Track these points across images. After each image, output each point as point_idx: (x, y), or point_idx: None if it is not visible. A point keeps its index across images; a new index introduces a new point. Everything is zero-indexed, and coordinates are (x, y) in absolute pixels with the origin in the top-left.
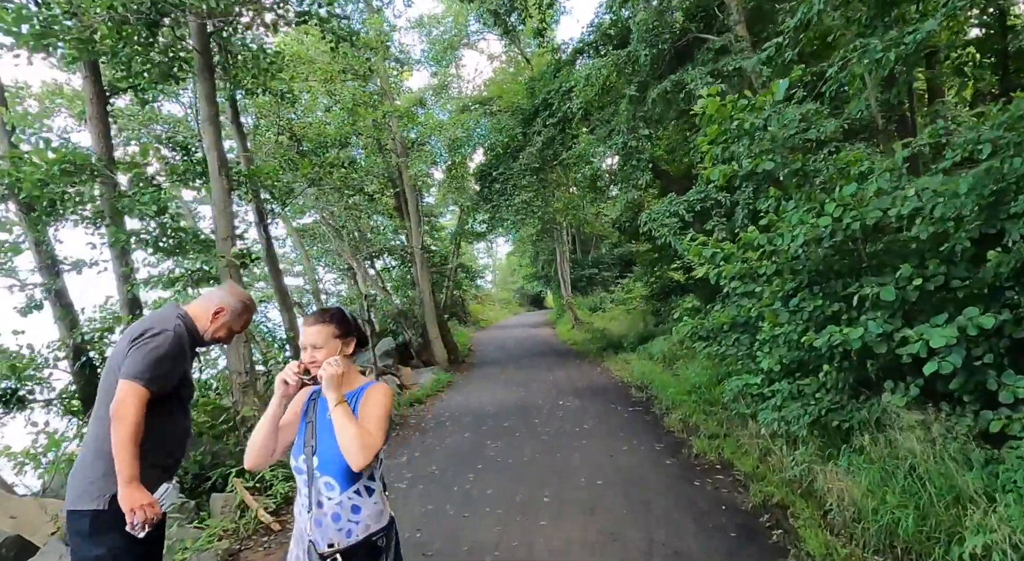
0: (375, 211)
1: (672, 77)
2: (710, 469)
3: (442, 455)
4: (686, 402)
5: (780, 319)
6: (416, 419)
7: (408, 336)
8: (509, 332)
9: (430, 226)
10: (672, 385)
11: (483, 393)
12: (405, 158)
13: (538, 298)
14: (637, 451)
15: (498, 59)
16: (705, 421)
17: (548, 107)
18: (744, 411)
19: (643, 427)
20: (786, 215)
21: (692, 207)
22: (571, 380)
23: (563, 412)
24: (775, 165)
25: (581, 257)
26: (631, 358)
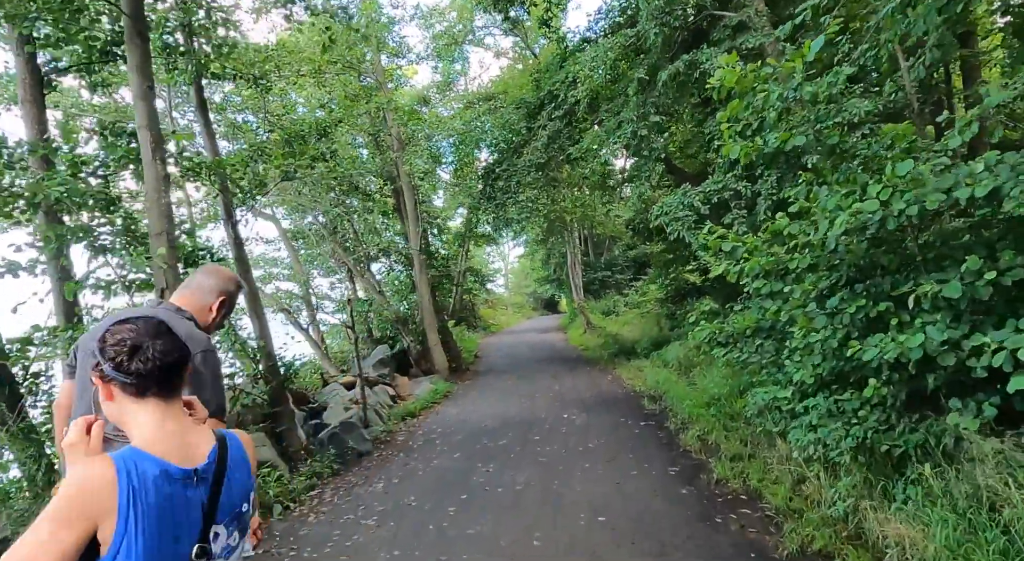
0: (370, 210)
1: (685, 57)
2: (734, 500)
3: (425, 481)
4: (704, 416)
5: (816, 324)
6: (405, 435)
7: (407, 343)
8: (519, 337)
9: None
10: (688, 396)
11: (482, 405)
12: (401, 153)
13: (552, 302)
14: (648, 477)
15: (505, 56)
16: (726, 439)
17: (553, 99)
18: (771, 428)
19: (656, 446)
20: (820, 201)
21: (708, 198)
22: (578, 390)
23: (567, 428)
24: (807, 140)
25: (593, 259)
26: (644, 365)
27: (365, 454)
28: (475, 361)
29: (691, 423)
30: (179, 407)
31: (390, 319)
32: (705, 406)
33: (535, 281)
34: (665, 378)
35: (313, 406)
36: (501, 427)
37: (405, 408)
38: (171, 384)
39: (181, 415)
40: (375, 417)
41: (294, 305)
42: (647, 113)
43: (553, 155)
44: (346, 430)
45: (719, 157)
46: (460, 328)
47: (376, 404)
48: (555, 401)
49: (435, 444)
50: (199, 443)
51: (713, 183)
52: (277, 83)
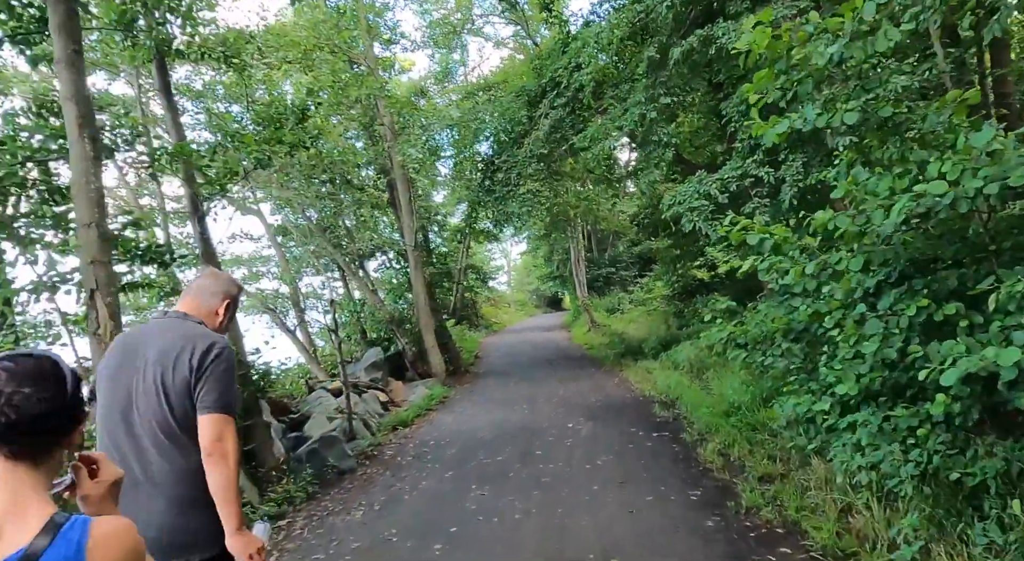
0: (360, 204)
1: (699, 32)
2: (769, 535)
3: (410, 509)
4: (723, 427)
5: (868, 329)
6: (394, 449)
7: (401, 345)
8: (521, 336)
9: (438, 226)
10: (704, 403)
11: (480, 413)
12: (394, 143)
13: (555, 299)
14: (666, 503)
15: (505, 46)
16: (751, 454)
17: (556, 86)
18: (804, 444)
19: (672, 463)
20: (866, 184)
21: (726, 186)
22: (584, 395)
23: (572, 440)
24: (861, 115)
25: (597, 256)
26: (653, 366)
27: (347, 472)
28: (475, 362)
29: (709, 434)
30: (34, 477)
31: (384, 320)
32: (724, 415)
33: (538, 278)
34: (677, 382)
35: (294, 416)
36: (499, 438)
37: (397, 417)
38: (24, 444)
39: (25, 487)
40: (362, 428)
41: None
42: (657, 95)
43: (555, 145)
44: (326, 445)
45: (737, 141)
46: (461, 327)
47: (365, 413)
48: (559, 407)
49: (425, 460)
50: (14, 534)
51: (731, 169)
52: (260, 69)
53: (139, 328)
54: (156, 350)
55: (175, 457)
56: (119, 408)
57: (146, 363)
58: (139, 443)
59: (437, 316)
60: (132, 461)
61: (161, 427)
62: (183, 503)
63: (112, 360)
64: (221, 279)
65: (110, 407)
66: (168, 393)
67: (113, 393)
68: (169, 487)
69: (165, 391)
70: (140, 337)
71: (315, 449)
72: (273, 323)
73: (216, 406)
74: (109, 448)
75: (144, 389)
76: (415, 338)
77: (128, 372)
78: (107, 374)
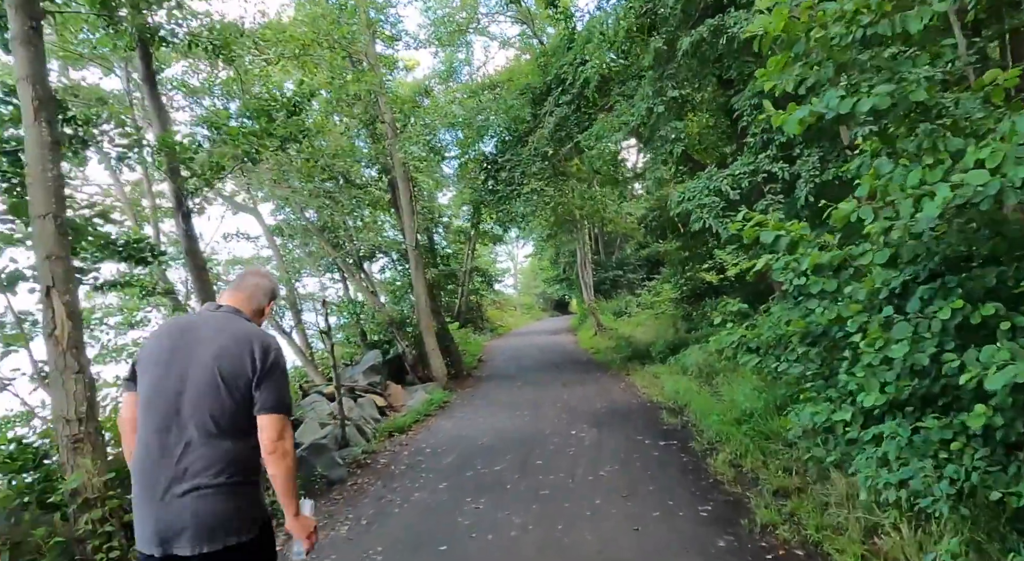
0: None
1: (709, 21)
2: (787, 557)
3: (400, 524)
4: (734, 435)
5: (895, 333)
6: (388, 457)
7: (402, 348)
8: (527, 339)
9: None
10: (714, 410)
11: (480, 418)
12: (394, 140)
13: (562, 302)
14: (674, 519)
15: (512, 47)
16: (765, 466)
17: (561, 83)
18: (823, 456)
19: (680, 474)
20: (888, 175)
21: (738, 183)
22: (589, 400)
23: (575, 448)
24: (892, 100)
25: (604, 258)
26: (660, 371)
27: (337, 482)
28: (478, 366)
29: (720, 443)
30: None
31: (384, 322)
32: (735, 423)
33: (544, 281)
34: (685, 387)
35: None
36: (499, 446)
37: (393, 422)
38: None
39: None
40: (356, 435)
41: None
42: (664, 88)
43: (560, 143)
44: (316, 453)
45: (749, 136)
46: (465, 331)
47: (360, 418)
48: (562, 413)
49: (420, 469)
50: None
51: (743, 165)
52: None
53: (193, 317)
54: (217, 345)
55: (222, 446)
56: (172, 391)
57: (206, 354)
58: (185, 428)
59: (439, 318)
60: (175, 445)
61: (216, 418)
62: (222, 489)
63: (164, 342)
64: (270, 279)
65: (160, 389)
66: (230, 388)
67: (166, 376)
68: (208, 474)
69: (227, 385)
70: (196, 326)
71: (303, 457)
72: (268, 324)
73: (277, 407)
74: (152, 427)
75: (202, 379)
76: (416, 341)
77: (183, 358)
78: (159, 357)
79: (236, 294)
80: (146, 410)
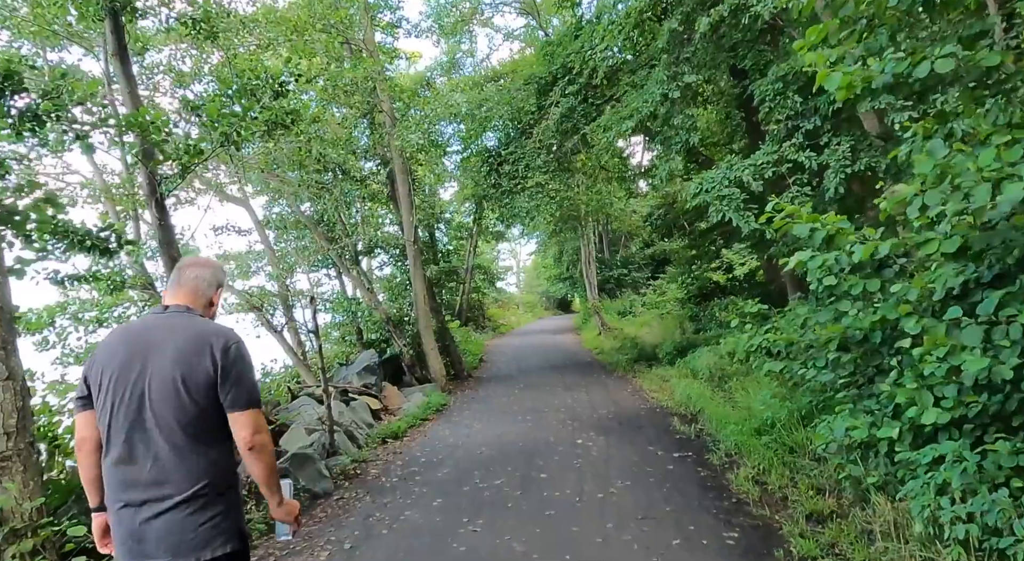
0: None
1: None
2: None
3: (386, 547)
4: (755, 448)
5: (966, 339)
6: (379, 467)
7: (399, 347)
8: (529, 339)
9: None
10: (731, 418)
11: (480, 424)
12: (392, 129)
13: (565, 301)
14: (696, 549)
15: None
16: (793, 484)
17: (567, 72)
18: (860, 475)
19: (700, 493)
20: (953, 160)
21: (760, 173)
22: (594, 405)
23: (581, 460)
24: (958, 65)
25: (609, 257)
26: (669, 374)
27: (322, 496)
28: (479, 366)
29: (740, 456)
30: None
31: (380, 320)
32: (755, 433)
33: (547, 280)
34: (698, 393)
35: (271, 428)
36: (499, 457)
37: (387, 428)
38: None
39: None
40: (346, 441)
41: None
42: (679, 73)
43: (566, 135)
44: (299, 464)
45: (773, 123)
46: (466, 329)
47: (352, 423)
48: (567, 419)
49: (413, 482)
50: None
51: (766, 154)
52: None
53: (142, 323)
54: (173, 349)
55: (193, 456)
56: (132, 406)
57: (164, 360)
58: (152, 441)
59: (438, 317)
60: (143, 459)
61: (183, 426)
62: (199, 500)
63: (117, 357)
64: (214, 267)
65: (118, 404)
66: (192, 393)
67: (125, 389)
68: (182, 486)
69: (188, 391)
70: (148, 332)
71: (284, 468)
72: (259, 322)
73: (247, 403)
74: (116, 445)
75: (164, 387)
76: (413, 340)
77: (141, 368)
78: (114, 369)
79: (179, 291)
80: (107, 428)
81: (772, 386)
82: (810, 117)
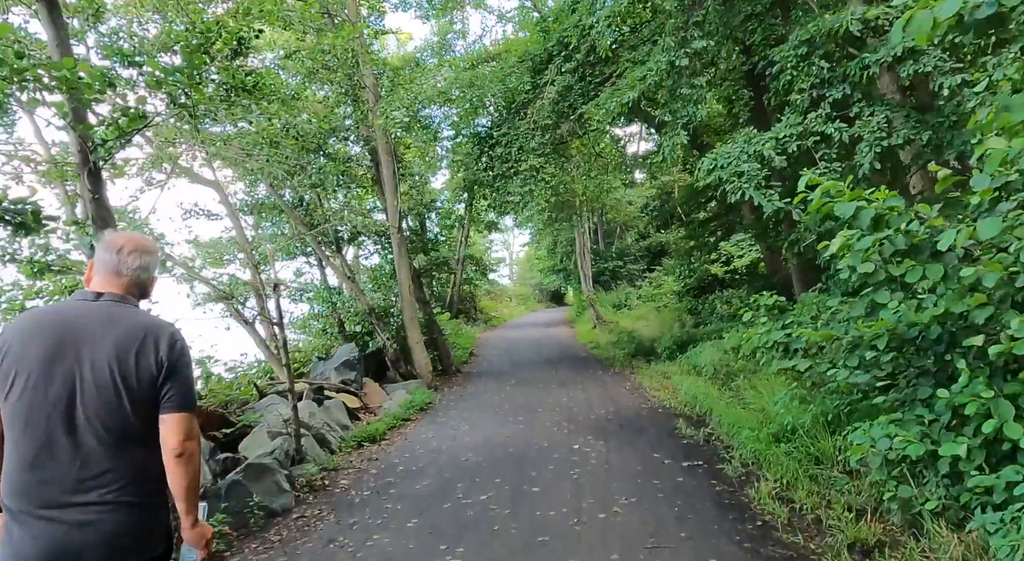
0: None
1: None
2: None
3: None
4: (776, 457)
5: None
6: (351, 477)
7: (382, 341)
8: (522, 331)
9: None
10: (744, 422)
11: (467, 426)
12: (375, 105)
13: (558, 294)
14: None
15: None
16: (826, 505)
17: (564, 48)
18: (911, 496)
19: (718, 513)
20: None
21: (783, 146)
22: (591, 405)
23: (580, 469)
24: None
25: (604, 248)
26: (670, 370)
27: (279, 514)
28: (470, 360)
29: (757, 466)
30: None
31: (363, 311)
32: (773, 440)
33: (540, 272)
34: (704, 392)
35: (229, 433)
36: (486, 465)
37: (364, 430)
38: None
39: None
40: (316, 447)
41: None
42: (689, 38)
43: (562, 116)
44: (254, 476)
45: (795, 92)
46: (457, 322)
47: (324, 425)
48: (562, 420)
49: (387, 496)
50: None
51: (789, 125)
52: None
53: (70, 310)
54: (111, 342)
55: (129, 458)
56: (59, 404)
57: (99, 354)
58: (80, 440)
59: (426, 308)
60: (68, 460)
61: (120, 428)
62: (131, 505)
63: (38, 343)
64: (156, 253)
65: (41, 402)
66: (132, 390)
67: (48, 383)
68: (113, 488)
69: (128, 389)
70: (77, 321)
71: (237, 481)
72: (227, 312)
73: (185, 404)
74: (31, 445)
75: (98, 382)
76: (398, 333)
77: (68, 360)
78: (33, 361)
79: (117, 279)
80: (24, 425)
81: (787, 385)
82: (838, 85)
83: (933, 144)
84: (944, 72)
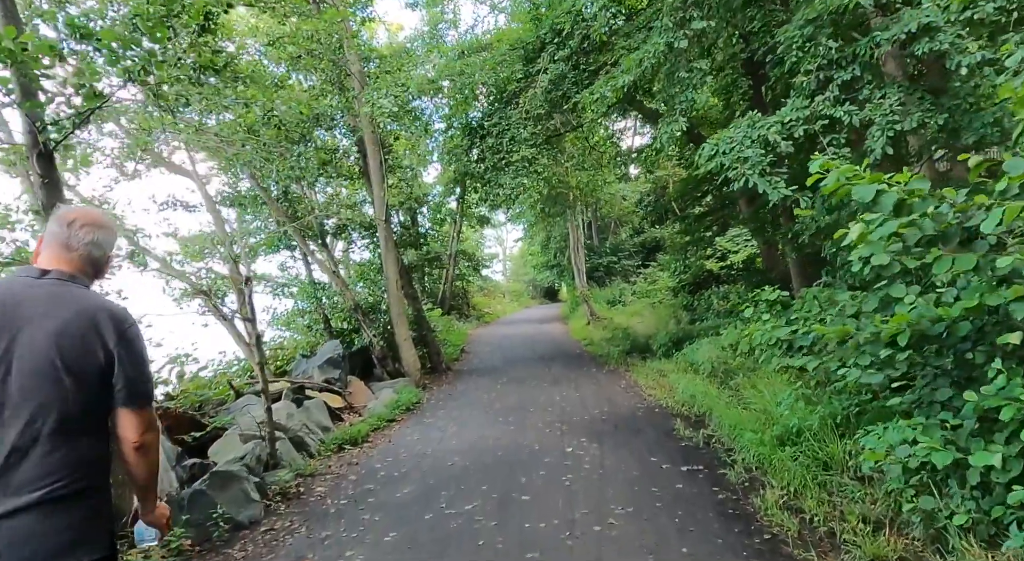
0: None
1: None
2: None
3: None
4: (782, 462)
5: None
6: (327, 484)
7: (368, 338)
8: (515, 328)
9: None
10: (746, 424)
11: (454, 427)
12: (361, 92)
13: (552, 290)
14: None
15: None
16: (838, 514)
17: (557, 35)
18: (935, 509)
19: (722, 525)
20: None
21: (789, 131)
22: (585, 404)
23: (572, 475)
24: None
25: (598, 244)
26: (666, 367)
27: (246, 527)
28: (461, 357)
29: (761, 471)
30: None
31: (348, 308)
32: (778, 444)
33: (533, 268)
34: (702, 391)
35: (199, 436)
36: (473, 470)
37: (346, 432)
38: None
39: None
40: (292, 450)
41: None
42: (688, 18)
43: (555, 105)
44: (219, 485)
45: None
46: (449, 318)
47: (303, 426)
48: (555, 421)
49: (365, 506)
50: None
51: (795, 109)
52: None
53: (5, 288)
54: (55, 323)
55: (61, 449)
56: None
57: (39, 335)
58: (8, 431)
59: (415, 304)
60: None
61: (64, 416)
62: (69, 500)
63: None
64: (111, 229)
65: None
66: (76, 376)
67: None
68: (48, 482)
69: (71, 373)
70: (17, 299)
71: (201, 491)
72: (205, 308)
73: (140, 397)
74: None
75: (36, 366)
76: (385, 330)
77: (4, 341)
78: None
79: (67, 254)
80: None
81: (789, 384)
82: (847, 66)
83: (950, 128)
84: (961, 50)
